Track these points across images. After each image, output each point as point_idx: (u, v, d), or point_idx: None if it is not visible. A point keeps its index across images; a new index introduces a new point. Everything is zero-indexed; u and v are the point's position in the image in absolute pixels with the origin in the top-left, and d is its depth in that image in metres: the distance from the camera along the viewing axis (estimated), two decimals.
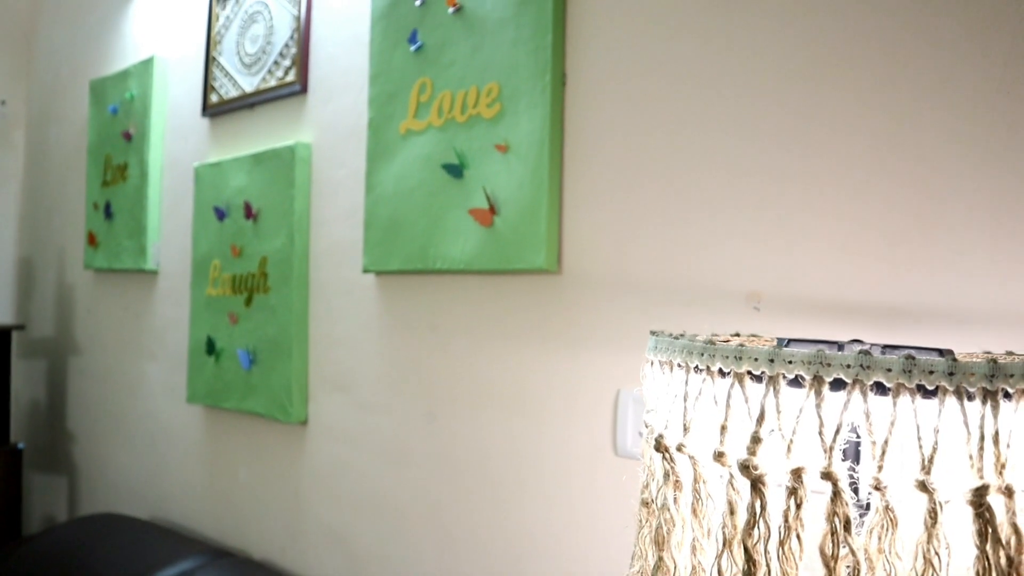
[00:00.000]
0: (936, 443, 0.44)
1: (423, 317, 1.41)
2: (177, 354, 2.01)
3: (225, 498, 1.86)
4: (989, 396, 0.43)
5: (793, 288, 0.96)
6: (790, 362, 0.46)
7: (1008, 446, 0.44)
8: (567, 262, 1.19)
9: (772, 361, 0.47)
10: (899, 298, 0.88)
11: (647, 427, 0.62)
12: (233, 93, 1.83)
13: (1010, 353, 0.64)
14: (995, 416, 0.43)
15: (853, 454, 0.47)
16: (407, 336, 1.43)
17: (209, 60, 1.91)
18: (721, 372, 0.50)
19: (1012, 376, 0.43)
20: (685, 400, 0.53)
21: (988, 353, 0.65)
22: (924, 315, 0.86)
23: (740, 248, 1.01)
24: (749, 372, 0.48)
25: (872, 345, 0.68)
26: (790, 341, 0.74)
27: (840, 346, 0.70)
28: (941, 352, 0.68)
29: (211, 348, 1.83)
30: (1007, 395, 0.44)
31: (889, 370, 0.44)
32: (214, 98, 1.89)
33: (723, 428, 0.50)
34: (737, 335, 0.73)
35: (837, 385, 0.46)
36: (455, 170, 1.32)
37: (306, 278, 1.64)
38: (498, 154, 1.26)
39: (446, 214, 1.33)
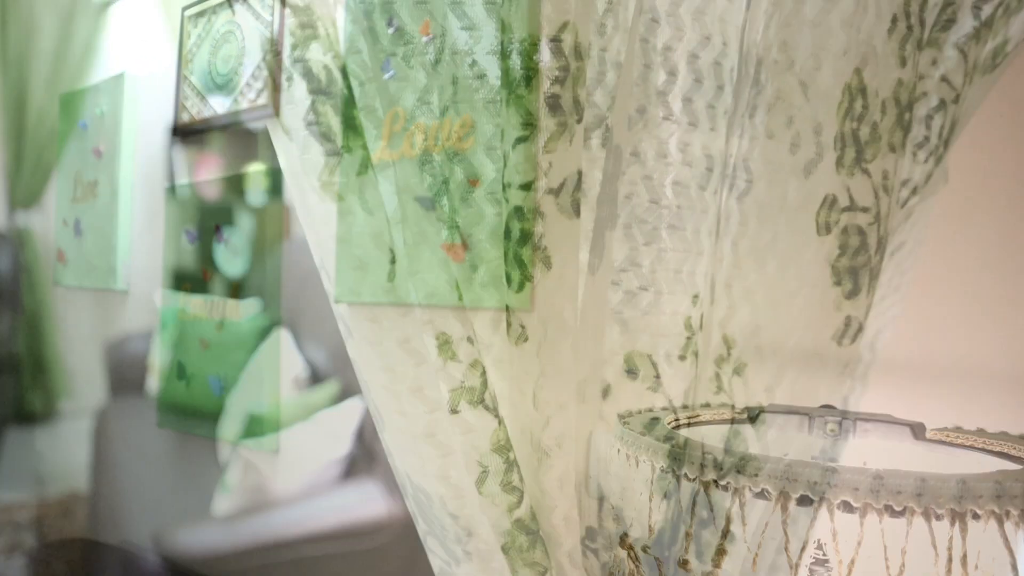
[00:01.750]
0: (903, 564, 0.43)
1: None
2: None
3: (197, 525, 1.83)
4: (958, 517, 0.42)
5: (766, 336, 0.95)
6: (756, 475, 0.45)
7: (976, 567, 0.43)
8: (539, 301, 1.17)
9: (738, 472, 0.46)
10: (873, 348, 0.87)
11: (613, 509, 0.60)
12: (204, 113, 1.80)
13: (981, 431, 0.63)
14: (963, 537, 0.42)
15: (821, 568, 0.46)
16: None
17: (180, 79, 1.87)
18: (687, 476, 0.49)
19: (981, 497, 0.42)
20: (650, 500, 0.51)
21: (959, 430, 0.64)
22: (896, 368, 0.86)
23: (717, 290, 0.99)
24: (715, 481, 0.47)
25: (844, 418, 0.67)
26: (760, 411, 0.73)
27: (811, 417, 0.69)
28: (912, 427, 0.68)
29: (181, 373, 1.79)
30: (975, 516, 0.43)
31: (856, 489, 0.43)
32: (185, 117, 1.85)
33: (688, 535, 0.48)
34: (707, 405, 0.72)
35: (804, 500, 0.44)
36: (427, 203, 1.30)
37: (278, 305, 1.61)
38: (471, 188, 1.23)
39: (418, 247, 1.31)
